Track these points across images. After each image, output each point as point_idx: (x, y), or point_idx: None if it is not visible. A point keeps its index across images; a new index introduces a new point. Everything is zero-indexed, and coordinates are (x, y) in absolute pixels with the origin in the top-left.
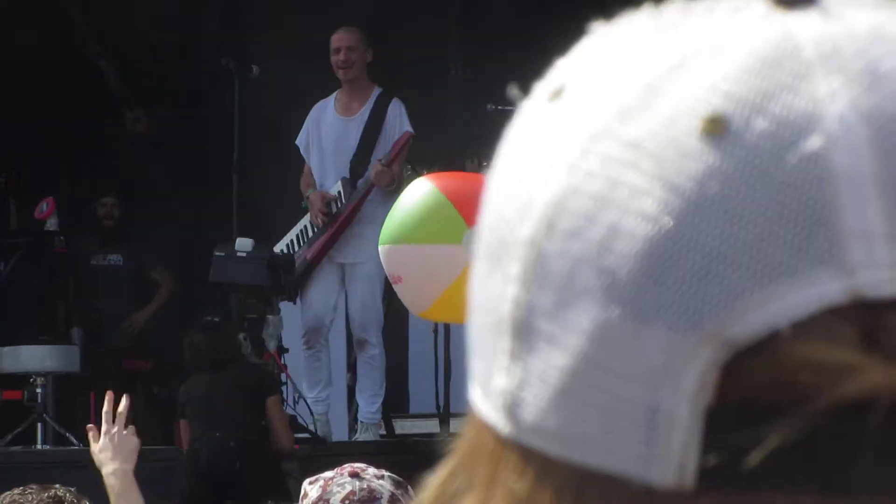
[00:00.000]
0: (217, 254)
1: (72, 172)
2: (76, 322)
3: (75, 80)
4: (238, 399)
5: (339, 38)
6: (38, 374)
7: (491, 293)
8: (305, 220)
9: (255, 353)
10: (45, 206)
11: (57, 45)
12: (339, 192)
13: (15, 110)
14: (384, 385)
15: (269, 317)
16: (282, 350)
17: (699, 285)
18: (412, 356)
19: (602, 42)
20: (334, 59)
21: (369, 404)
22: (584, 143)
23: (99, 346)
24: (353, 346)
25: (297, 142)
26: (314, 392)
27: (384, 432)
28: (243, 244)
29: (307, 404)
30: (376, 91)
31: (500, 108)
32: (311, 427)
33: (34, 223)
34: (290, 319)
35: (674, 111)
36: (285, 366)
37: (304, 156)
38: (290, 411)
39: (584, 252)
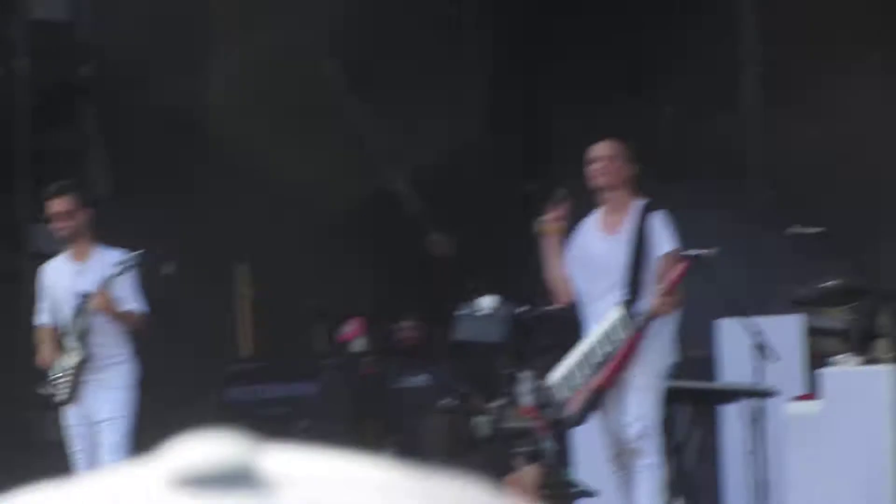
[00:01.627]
0: (460, 313)
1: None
2: (387, 443)
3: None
4: None
5: (597, 148)
6: None
7: None
8: (583, 347)
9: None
10: (350, 328)
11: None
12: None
13: None
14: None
15: (520, 374)
16: (544, 405)
17: None
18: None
19: None
20: (591, 168)
21: None
22: None
23: None
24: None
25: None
26: None
27: None
28: (486, 302)
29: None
30: (639, 203)
31: (802, 232)
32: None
33: (340, 344)
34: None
35: None
36: (547, 424)
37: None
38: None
39: None
